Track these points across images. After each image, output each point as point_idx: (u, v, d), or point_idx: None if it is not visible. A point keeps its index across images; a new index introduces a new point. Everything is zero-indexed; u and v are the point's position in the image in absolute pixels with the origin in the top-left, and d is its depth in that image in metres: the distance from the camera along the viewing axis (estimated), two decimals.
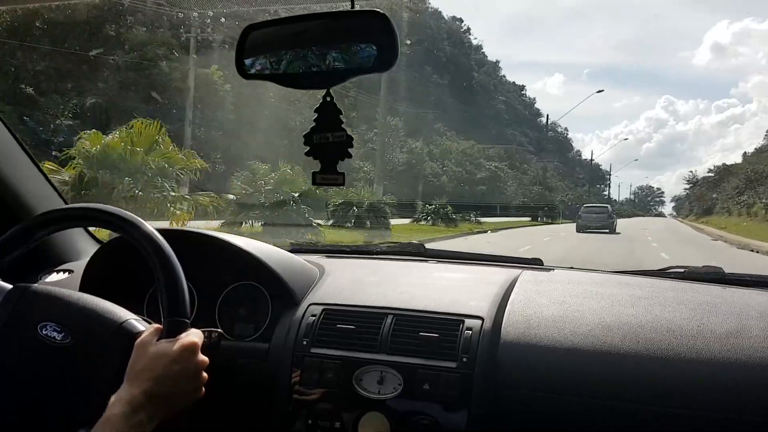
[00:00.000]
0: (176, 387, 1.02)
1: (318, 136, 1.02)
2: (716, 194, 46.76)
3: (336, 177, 1.02)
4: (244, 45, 1.00)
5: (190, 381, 1.05)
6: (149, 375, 0.99)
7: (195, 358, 1.05)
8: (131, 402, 0.96)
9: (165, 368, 1.00)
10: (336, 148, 1.02)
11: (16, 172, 1.55)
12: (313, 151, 1.03)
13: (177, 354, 1.02)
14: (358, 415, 1.20)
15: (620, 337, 1.20)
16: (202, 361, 1.07)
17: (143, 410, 0.97)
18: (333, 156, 1.02)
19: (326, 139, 1.02)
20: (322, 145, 1.02)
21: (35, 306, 1.10)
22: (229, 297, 1.43)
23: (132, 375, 1.00)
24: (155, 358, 1.01)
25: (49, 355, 1.05)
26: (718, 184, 52.68)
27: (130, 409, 0.95)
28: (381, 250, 1.93)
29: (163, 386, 1.00)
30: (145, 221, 1.12)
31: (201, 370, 1.07)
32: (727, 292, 1.43)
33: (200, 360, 1.07)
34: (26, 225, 1.16)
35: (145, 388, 0.98)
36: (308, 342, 1.29)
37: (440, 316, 1.28)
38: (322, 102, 1.01)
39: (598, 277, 1.58)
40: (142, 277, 1.30)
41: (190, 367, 1.04)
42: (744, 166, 48.36)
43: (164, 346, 1.03)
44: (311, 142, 1.02)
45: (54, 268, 1.61)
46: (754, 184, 39.96)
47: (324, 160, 1.03)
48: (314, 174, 1.03)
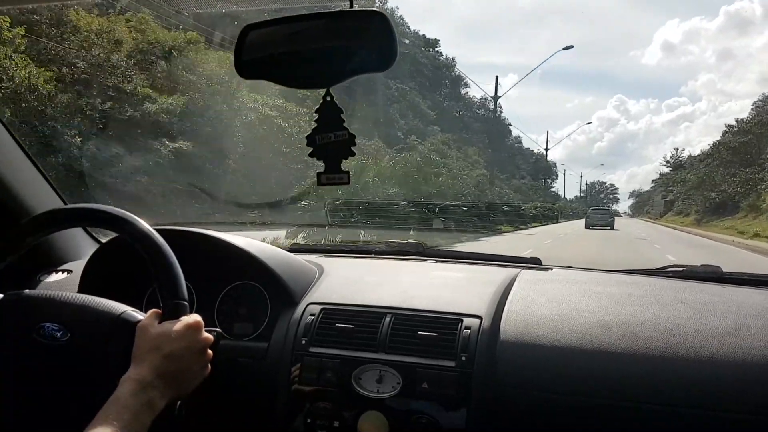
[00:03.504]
0: (183, 364, 1.02)
1: (320, 137, 1.02)
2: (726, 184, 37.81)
3: (341, 176, 1.02)
4: (242, 45, 1.00)
5: (196, 358, 1.05)
6: (156, 354, 0.99)
7: (199, 335, 1.06)
8: (140, 381, 0.96)
9: (171, 346, 1.01)
10: (339, 147, 1.02)
11: (16, 172, 1.55)
12: (316, 152, 1.02)
13: (181, 332, 1.02)
14: (357, 414, 1.20)
15: (619, 336, 1.20)
16: (207, 339, 1.07)
17: (153, 388, 0.97)
18: (337, 155, 1.02)
19: (328, 139, 1.02)
20: (325, 145, 1.02)
21: (30, 310, 1.11)
22: (228, 296, 1.43)
23: (138, 356, 1.00)
24: (160, 337, 1.01)
25: (51, 354, 1.06)
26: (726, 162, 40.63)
27: (140, 387, 0.95)
28: (380, 250, 1.93)
29: (171, 364, 1.00)
30: (141, 219, 1.12)
31: (206, 347, 1.07)
32: (725, 290, 1.44)
33: (205, 337, 1.07)
34: (23, 226, 1.16)
35: (153, 366, 0.98)
36: (307, 341, 1.29)
37: (439, 315, 1.28)
38: (322, 102, 1.01)
39: (597, 276, 1.58)
40: (141, 276, 1.30)
41: (196, 344, 1.05)
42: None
43: (167, 325, 1.03)
44: (314, 143, 1.02)
45: (53, 268, 1.61)
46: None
47: (328, 160, 1.02)
48: (319, 174, 1.03)
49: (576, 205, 78.83)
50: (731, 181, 37.33)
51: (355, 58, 0.95)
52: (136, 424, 0.92)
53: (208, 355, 1.08)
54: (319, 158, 1.03)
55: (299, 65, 0.98)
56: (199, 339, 1.06)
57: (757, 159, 36.40)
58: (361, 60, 0.95)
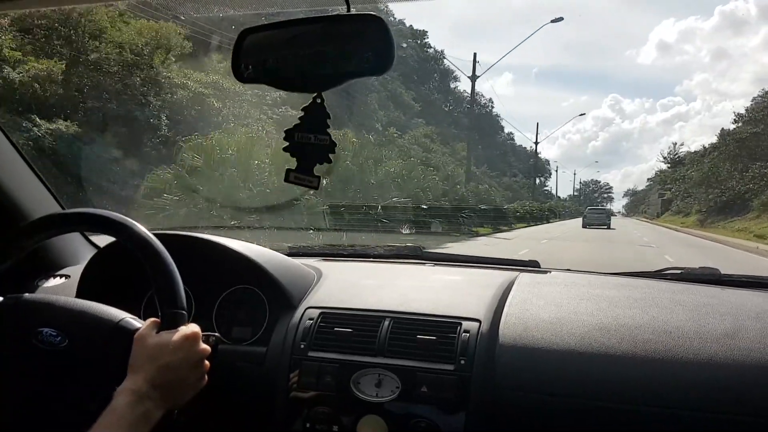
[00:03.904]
0: (180, 375, 1.02)
1: (300, 135, 1.01)
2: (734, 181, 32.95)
3: (311, 179, 1.00)
4: (240, 49, 1.00)
5: (193, 370, 1.04)
6: (153, 364, 0.99)
7: (197, 346, 1.05)
8: (136, 392, 0.96)
9: (168, 357, 1.00)
10: (316, 151, 1.00)
11: (14, 177, 1.55)
12: (292, 148, 1.01)
13: (179, 343, 1.02)
14: (356, 418, 1.20)
15: (617, 339, 1.20)
16: (204, 350, 1.07)
17: (149, 399, 0.96)
18: (312, 158, 1.01)
19: (308, 140, 1.01)
20: (303, 145, 1.01)
21: (28, 314, 1.10)
22: (227, 301, 1.43)
23: (135, 366, 0.99)
24: (157, 347, 1.01)
25: (49, 359, 1.06)
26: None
27: (136, 398, 0.95)
28: (378, 253, 1.93)
29: (167, 375, 0.99)
30: (138, 223, 1.12)
31: (203, 358, 1.07)
32: (723, 293, 1.44)
33: (202, 348, 1.06)
34: (21, 231, 1.16)
35: (149, 377, 0.98)
36: (306, 345, 1.29)
37: (437, 318, 1.28)
38: (311, 102, 1.00)
39: (595, 279, 1.58)
40: (139, 281, 1.30)
41: (193, 356, 1.04)
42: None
43: (165, 336, 1.02)
44: (292, 139, 1.01)
45: (51, 273, 1.60)
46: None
47: (302, 160, 1.01)
48: (288, 171, 1.01)
49: (569, 204, 75.18)
50: (740, 177, 32.93)
51: (352, 61, 0.95)
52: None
53: (204, 367, 1.07)
54: (293, 155, 1.01)
55: (296, 69, 0.98)
56: (197, 350, 1.05)
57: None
58: (359, 64, 0.95)
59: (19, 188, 1.56)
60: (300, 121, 1.01)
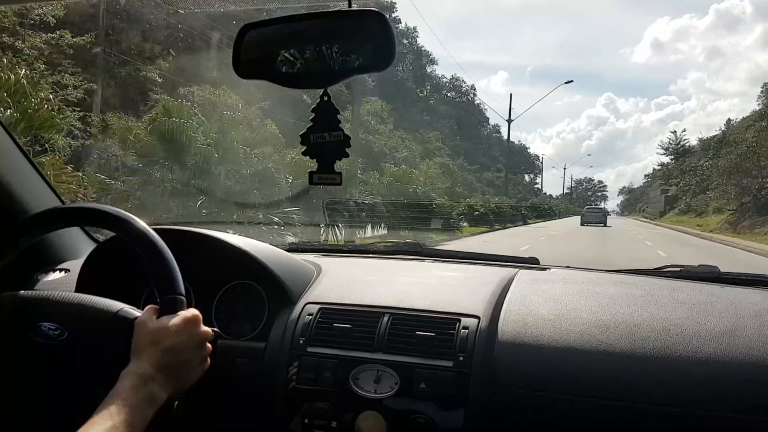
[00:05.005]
0: (183, 358, 1.02)
1: (315, 136, 1.02)
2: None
3: (334, 176, 1.03)
4: (240, 44, 1.00)
5: (196, 352, 1.05)
6: (155, 348, 0.99)
7: (198, 328, 1.06)
8: (141, 375, 0.96)
9: (170, 340, 1.01)
10: (333, 148, 1.02)
11: (13, 171, 1.55)
12: (310, 151, 1.03)
13: (180, 325, 1.03)
14: (354, 415, 1.20)
15: (616, 336, 1.20)
16: (206, 333, 1.08)
17: (153, 382, 0.97)
18: (330, 155, 1.03)
19: (323, 139, 1.02)
20: (320, 145, 1.02)
21: (27, 310, 1.11)
22: (226, 296, 1.43)
23: (138, 351, 1.00)
24: (158, 331, 1.01)
25: (49, 354, 1.06)
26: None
27: (140, 381, 0.95)
28: (378, 250, 1.93)
29: (171, 357, 1.00)
30: (139, 218, 1.12)
31: (205, 341, 1.08)
32: (722, 290, 1.44)
33: (204, 331, 1.07)
34: (20, 225, 1.16)
35: (153, 360, 0.98)
36: (305, 341, 1.29)
37: (437, 315, 1.28)
38: (319, 101, 1.01)
39: (595, 276, 1.58)
40: (139, 276, 1.30)
41: (195, 337, 1.05)
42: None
43: (166, 320, 1.03)
44: (308, 142, 1.02)
45: (51, 267, 1.60)
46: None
47: (321, 160, 1.03)
48: (311, 173, 1.03)
49: (559, 202, 67.24)
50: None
51: (353, 57, 0.96)
52: (137, 418, 0.92)
53: (207, 349, 1.08)
54: (313, 157, 1.03)
55: (297, 65, 0.98)
56: (198, 332, 1.06)
57: None
58: (359, 59, 0.95)
59: (18, 183, 1.55)
60: (312, 123, 1.02)
